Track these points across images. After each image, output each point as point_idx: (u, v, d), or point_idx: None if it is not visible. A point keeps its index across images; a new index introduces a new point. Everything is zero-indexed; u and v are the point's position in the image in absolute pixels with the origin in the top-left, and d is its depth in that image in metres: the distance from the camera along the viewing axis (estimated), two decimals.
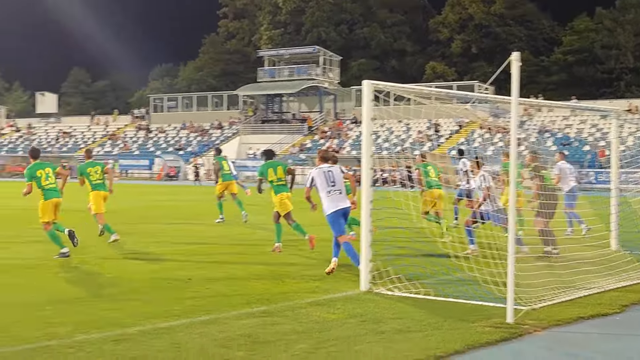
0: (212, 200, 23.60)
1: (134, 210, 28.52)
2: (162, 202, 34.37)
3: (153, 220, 23.95)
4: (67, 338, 8.23)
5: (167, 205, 32.09)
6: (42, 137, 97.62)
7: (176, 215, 25.85)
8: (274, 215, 16.82)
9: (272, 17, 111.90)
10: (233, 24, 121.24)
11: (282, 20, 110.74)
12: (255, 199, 22.86)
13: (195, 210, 23.99)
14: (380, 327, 8.93)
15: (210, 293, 11.08)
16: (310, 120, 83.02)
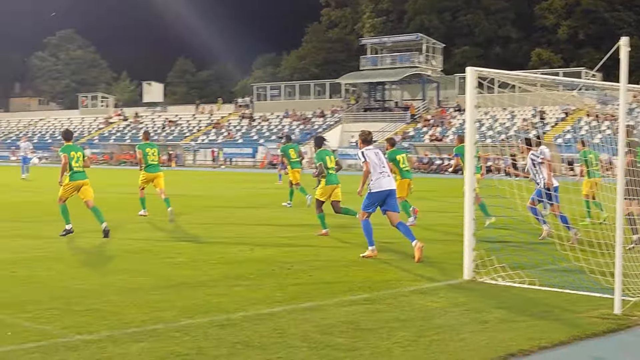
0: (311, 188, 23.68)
1: (237, 197, 28.88)
2: (265, 189, 34.67)
3: (256, 208, 24.19)
4: (172, 322, 8.38)
5: (270, 192, 32.35)
6: (149, 126, 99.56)
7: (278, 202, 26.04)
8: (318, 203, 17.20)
9: (374, 5, 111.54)
10: (335, 12, 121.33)
11: (384, 8, 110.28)
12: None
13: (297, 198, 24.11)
14: (484, 317, 8.83)
15: (312, 280, 11.14)
16: (412, 108, 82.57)
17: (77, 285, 10.48)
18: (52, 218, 19.81)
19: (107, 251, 13.96)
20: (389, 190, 13.60)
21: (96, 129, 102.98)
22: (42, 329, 8.00)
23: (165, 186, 20.54)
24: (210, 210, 23.52)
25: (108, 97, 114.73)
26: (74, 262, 12.62)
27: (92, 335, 7.77)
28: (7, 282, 10.62)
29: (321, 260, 13.17)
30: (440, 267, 12.41)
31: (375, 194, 13.59)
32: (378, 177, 13.61)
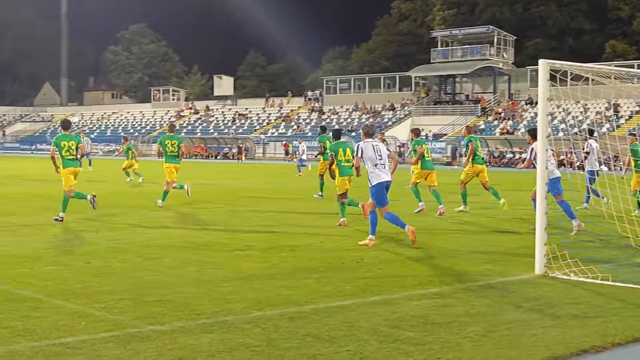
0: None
1: (307, 189, 28.93)
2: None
3: (326, 200, 24.22)
4: (243, 314, 8.44)
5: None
6: (219, 119, 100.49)
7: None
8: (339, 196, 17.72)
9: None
10: (406, 5, 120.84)
11: (455, 1, 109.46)
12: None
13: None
14: (556, 312, 8.72)
15: (382, 273, 11.12)
16: (483, 101, 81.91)
17: (149, 276, 10.63)
18: (123, 210, 20.13)
19: (179, 243, 14.11)
20: (386, 181, 14.12)
21: (168, 122, 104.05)
22: (115, 319, 8.12)
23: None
24: (281, 202, 23.65)
25: (179, 91, 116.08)
26: (147, 253, 12.78)
27: (164, 325, 7.87)
28: (82, 273, 10.80)
29: (391, 253, 13.14)
30: (511, 261, 12.29)
31: (376, 185, 14.07)
32: (374, 170, 14.09)
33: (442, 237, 15.42)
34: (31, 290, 9.50)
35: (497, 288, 10.10)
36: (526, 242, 13.78)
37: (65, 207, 17.57)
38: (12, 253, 12.61)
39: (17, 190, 26.93)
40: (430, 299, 9.37)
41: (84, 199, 17.56)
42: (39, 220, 17.58)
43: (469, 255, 12.93)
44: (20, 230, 15.78)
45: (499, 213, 19.86)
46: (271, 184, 32.59)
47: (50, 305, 8.75)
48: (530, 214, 16.22)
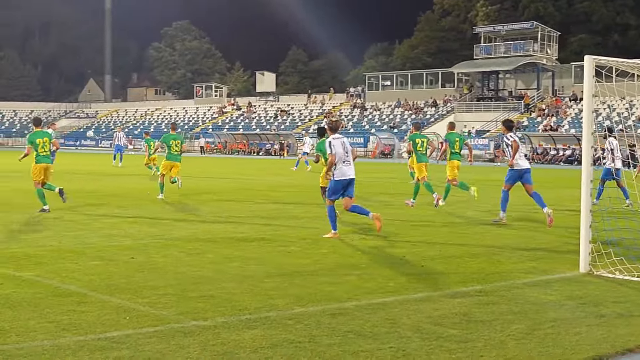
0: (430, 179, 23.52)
1: None
2: (376, 179, 34.63)
3: (366, 197, 24.19)
4: (285, 310, 8.46)
5: (380, 182, 32.33)
6: (261, 115, 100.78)
7: (389, 192, 26.03)
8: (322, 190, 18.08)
9: None
10: (448, 0, 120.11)
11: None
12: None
13: (407, 188, 24.01)
14: (600, 311, 8.63)
15: (424, 270, 11.09)
16: (527, 98, 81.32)
17: (192, 272, 10.69)
18: (165, 206, 20.27)
19: (221, 239, 14.17)
20: (350, 178, 14.60)
21: (210, 119, 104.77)
22: (159, 314, 8.18)
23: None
24: (320, 199, 23.63)
25: (222, 87, 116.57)
26: (189, 248, 12.86)
27: (207, 321, 7.92)
28: (126, 268, 10.90)
29: (434, 251, 13.10)
30: (555, 259, 12.20)
31: (339, 181, 14.56)
32: (341, 165, 14.52)
33: (485, 235, 15.33)
34: (76, 285, 9.61)
35: (541, 286, 10.03)
36: (570, 240, 13.68)
37: (43, 198, 18.48)
38: (58, 248, 12.77)
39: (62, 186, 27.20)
40: (473, 296, 9.33)
41: (53, 191, 18.72)
42: (84, 216, 17.76)
43: (512, 253, 12.85)
44: (65, 225, 15.95)
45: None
46: (313, 180, 32.61)
47: (95, 299, 8.84)
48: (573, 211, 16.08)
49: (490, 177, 36.49)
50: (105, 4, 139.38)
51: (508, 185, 17.53)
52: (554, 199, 23.53)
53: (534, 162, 64.13)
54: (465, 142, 21.86)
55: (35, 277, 10.15)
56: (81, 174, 35.15)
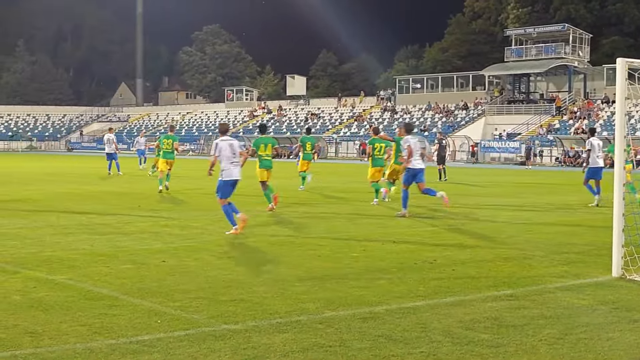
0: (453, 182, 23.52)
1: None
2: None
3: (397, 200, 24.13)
4: (316, 314, 8.47)
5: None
6: (292, 119, 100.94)
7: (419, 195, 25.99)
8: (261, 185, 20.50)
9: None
10: (479, 3, 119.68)
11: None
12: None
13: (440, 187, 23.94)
14: (633, 316, 8.57)
15: (455, 275, 11.05)
16: (558, 100, 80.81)
17: (223, 275, 10.72)
18: (196, 209, 20.35)
19: (252, 243, 14.22)
20: (236, 179, 15.69)
21: (241, 122, 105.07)
22: (190, 318, 8.22)
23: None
24: (353, 202, 23.65)
25: (252, 91, 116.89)
26: (220, 253, 12.91)
27: (237, 325, 7.94)
28: (158, 271, 10.96)
29: (465, 254, 13.06)
30: (587, 263, 12.12)
31: (227, 181, 15.58)
32: (229, 167, 15.56)
33: (517, 239, 15.26)
34: (108, 289, 9.67)
35: (573, 290, 9.97)
36: (602, 244, 13.57)
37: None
38: (90, 251, 12.86)
39: (95, 189, 27.43)
40: (504, 300, 9.29)
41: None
42: (116, 219, 17.89)
43: (544, 257, 12.78)
44: (98, 228, 16.07)
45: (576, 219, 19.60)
46: (344, 184, 32.63)
47: (127, 303, 8.90)
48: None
49: (522, 180, 36.32)
50: (136, 8, 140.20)
51: (406, 185, 19.58)
52: (584, 202, 23.41)
53: (565, 165, 63.82)
54: (387, 148, 23.19)
55: (68, 280, 10.23)
56: (111, 179, 35.35)
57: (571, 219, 19.20)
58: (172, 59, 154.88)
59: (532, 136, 73.25)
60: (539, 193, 28.25)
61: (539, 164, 65.60)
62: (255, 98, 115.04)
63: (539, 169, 58.47)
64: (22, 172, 39.85)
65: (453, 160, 73.72)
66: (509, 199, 23.28)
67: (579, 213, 20.94)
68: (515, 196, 24.61)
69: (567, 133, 72.31)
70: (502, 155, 72.15)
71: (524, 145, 67.52)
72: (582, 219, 19.33)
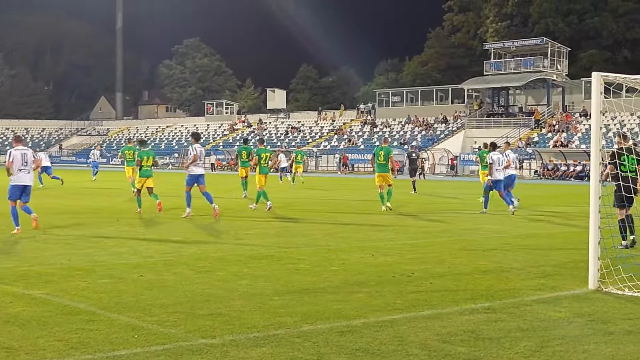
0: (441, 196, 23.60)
1: (359, 203, 28.92)
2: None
3: (377, 214, 24.18)
4: (293, 328, 8.47)
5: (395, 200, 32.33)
6: (272, 132, 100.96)
7: (399, 209, 26.04)
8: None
9: (498, 9, 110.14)
10: (458, 17, 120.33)
11: (508, 12, 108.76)
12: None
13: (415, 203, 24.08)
14: (609, 328, 8.62)
15: (433, 287, 11.08)
16: (537, 114, 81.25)
17: (201, 289, 10.71)
18: (174, 223, 20.31)
19: (231, 257, 14.20)
20: (25, 185, 17.78)
21: (221, 136, 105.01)
22: (167, 332, 8.20)
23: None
24: (332, 215, 23.66)
25: (232, 104, 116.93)
26: (199, 267, 12.88)
27: (215, 339, 7.93)
28: (135, 286, 10.93)
29: (443, 267, 13.09)
30: (564, 276, 12.17)
31: (16, 186, 17.68)
32: (19, 173, 17.63)
33: (495, 252, 15.32)
34: (86, 303, 9.64)
35: (550, 303, 10.01)
36: (579, 257, 13.66)
37: None
38: (68, 266, 12.81)
39: (73, 203, 27.31)
40: (481, 313, 9.32)
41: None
42: (94, 233, 17.81)
43: (521, 270, 12.83)
44: (75, 243, 16.01)
45: (553, 232, 19.70)
46: (323, 197, 32.67)
47: (104, 318, 8.87)
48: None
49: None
50: (116, 22, 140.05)
51: (188, 188, 22.34)
52: (563, 215, 23.55)
53: (545, 177, 64.07)
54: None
55: (45, 295, 10.19)
56: (91, 190, 35.22)
57: (548, 232, 19.30)
58: (152, 72, 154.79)
59: (513, 149, 73.55)
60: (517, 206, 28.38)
61: (518, 177, 65.79)
62: (236, 111, 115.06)
63: (518, 181, 58.61)
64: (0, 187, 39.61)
65: (433, 173, 73.93)
66: (487, 212, 23.32)
67: (556, 226, 21.06)
68: (493, 209, 24.70)
69: (545, 146, 72.71)
70: None
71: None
72: (559, 231, 19.45)
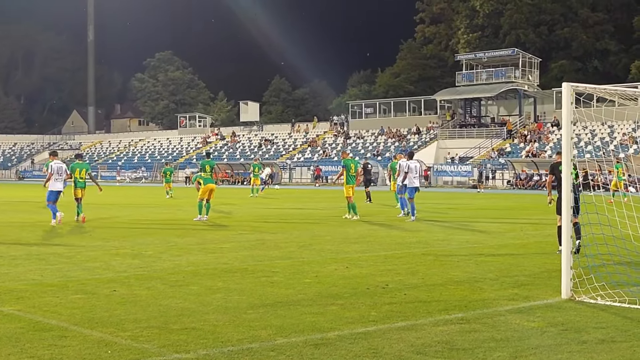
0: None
1: (333, 215, 28.92)
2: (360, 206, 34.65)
3: (351, 226, 24.19)
4: (268, 341, 8.45)
5: (365, 210, 32.38)
6: (245, 145, 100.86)
7: (375, 220, 26.07)
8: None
9: (469, 20, 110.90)
10: (430, 29, 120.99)
11: (479, 24, 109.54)
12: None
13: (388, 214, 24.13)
14: (582, 337, 8.66)
15: (407, 299, 11.09)
16: (509, 124, 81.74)
17: (175, 304, 10.66)
18: (149, 237, 20.22)
19: (204, 270, 14.15)
20: (59, 190, 19.78)
21: (194, 149, 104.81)
22: (141, 348, 8.15)
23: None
24: (306, 227, 23.63)
25: (205, 117, 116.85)
26: (173, 281, 12.82)
27: (189, 353, 7.89)
28: (108, 301, 10.86)
29: (417, 279, 13.11)
30: (537, 285, 12.22)
31: (53, 191, 19.88)
32: (55, 182, 19.91)
33: (468, 262, 15.36)
34: (58, 319, 9.56)
35: (523, 312, 10.05)
36: (552, 266, 13.74)
37: None
38: (40, 282, 12.70)
39: (45, 218, 27.09)
40: (455, 324, 9.34)
41: None
42: (67, 249, 17.68)
43: (495, 280, 12.88)
44: (48, 258, 15.87)
45: (526, 242, 19.79)
46: (298, 209, 32.64)
47: (77, 334, 8.80)
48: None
49: (474, 203, 36.61)
50: (88, 35, 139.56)
51: (51, 202, 23.97)
52: (536, 225, 23.67)
53: (517, 187, 64.42)
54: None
55: (17, 311, 10.10)
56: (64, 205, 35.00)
57: (522, 242, 19.37)
58: (125, 86, 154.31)
59: (483, 160, 73.92)
60: (491, 216, 28.50)
61: (491, 187, 66.15)
62: (209, 124, 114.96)
63: (491, 192, 58.91)
64: None
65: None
66: (460, 223, 23.42)
67: (529, 235, 21.15)
68: (466, 219, 24.80)
69: (518, 156, 73.11)
70: (455, 179, 72.71)
71: (475, 168, 68.19)
72: (532, 241, 19.53)
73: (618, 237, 12.79)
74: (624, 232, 12.76)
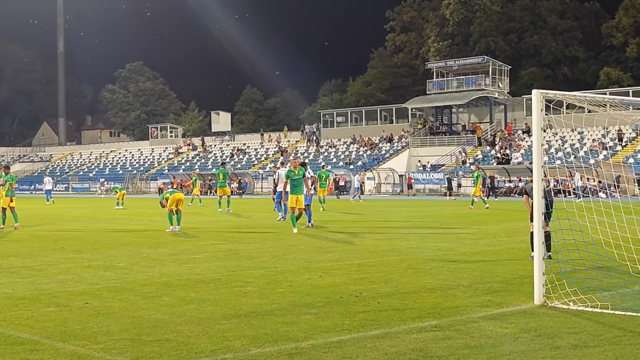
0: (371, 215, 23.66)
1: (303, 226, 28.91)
2: (330, 215, 34.68)
3: (324, 236, 24.19)
4: (242, 351, 8.42)
5: (337, 219, 32.38)
6: (217, 155, 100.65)
7: (347, 229, 26.08)
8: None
9: (439, 29, 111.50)
10: (400, 37, 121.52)
11: (449, 32, 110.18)
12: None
13: (363, 223, 24.12)
14: (555, 342, 8.70)
15: (380, 307, 11.10)
16: (480, 131, 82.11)
17: (148, 315, 10.60)
18: (122, 249, 20.10)
19: (177, 281, 14.09)
20: None
21: (166, 159, 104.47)
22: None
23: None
24: (279, 237, 23.59)
25: (177, 128, 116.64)
26: (145, 292, 12.76)
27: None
28: (81, 314, 10.78)
29: (390, 287, 13.12)
30: (510, 292, 12.28)
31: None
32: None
33: (441, 270, 15.40)
34: (30, 333, 9.48)
35: (497, 319, 10.09)
36: (525, 272, 13.80)
37: None
38: (11, 295, 12.59)
39: (16, 231, 26.90)
40: (429, 331, 9.35)
41: None
42: (38, 261, 17.55)
43: (468, 287, 12.92)
44: (19, 271, 15.74)
45: (499, 248, 19.87)
46: (271, 219, 32.58)
47: (49, 347, 8.73)
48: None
49: (446, 211, 36.72)
50: (58, 47, 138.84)
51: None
52: (507, 231, 23.77)
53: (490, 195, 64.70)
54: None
55: None
56: (36, 218, 34.71)
57: (494, 249, 19.46)
58: (96, 97, 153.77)
59: (454, 167, 74.21)
60: (463, 223, 28.59)
61: (463, 194, 66.39)
62: (180, 135, 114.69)
63: (462, 199, 59.13)
64: None
65: (378, 192, 74.24)
66: (433, 230, 23.47)
67: (501, 242, 21.24)
68: (439, 227, 24.87)
69: (489, 163, 73.44)
70: (427, 187, 72.92)
71: (447, 176, 68.47)
72: (504, 248, 19.63)
73: (589, 243, 12.87)
74: (595, 237, 12.84)
